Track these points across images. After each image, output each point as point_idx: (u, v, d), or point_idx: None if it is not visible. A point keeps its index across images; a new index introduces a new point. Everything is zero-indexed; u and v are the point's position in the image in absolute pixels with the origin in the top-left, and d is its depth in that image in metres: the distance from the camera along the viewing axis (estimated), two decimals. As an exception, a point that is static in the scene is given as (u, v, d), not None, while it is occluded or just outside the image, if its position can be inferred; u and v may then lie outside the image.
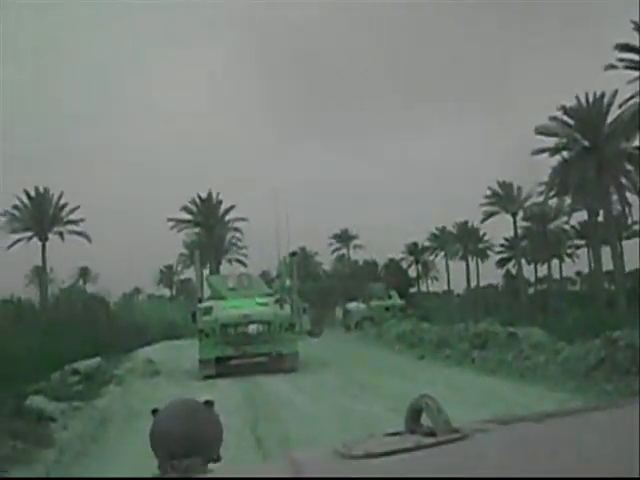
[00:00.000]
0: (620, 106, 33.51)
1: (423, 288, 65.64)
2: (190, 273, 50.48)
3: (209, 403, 1.58)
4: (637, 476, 0.68)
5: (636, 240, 48.77)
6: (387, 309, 36.34)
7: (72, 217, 49.90)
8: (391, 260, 58.90)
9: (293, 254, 21.87)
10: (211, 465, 1.51)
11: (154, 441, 1.53)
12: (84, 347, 17.14)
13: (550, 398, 10.60)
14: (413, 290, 58.64)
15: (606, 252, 38.17)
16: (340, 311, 39.67)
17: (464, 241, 61.93)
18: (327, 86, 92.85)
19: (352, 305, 38.36)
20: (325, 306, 39.65)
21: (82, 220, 49.63)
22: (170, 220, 54.74)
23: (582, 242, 52.71)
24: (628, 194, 36.26)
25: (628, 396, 9.71)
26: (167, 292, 67.25)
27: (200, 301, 18.77)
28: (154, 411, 1.57)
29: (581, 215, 41.60)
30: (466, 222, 61.43)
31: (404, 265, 61.98)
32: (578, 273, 60.27)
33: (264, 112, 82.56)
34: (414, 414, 0.97)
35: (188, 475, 1.39)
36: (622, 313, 21.49)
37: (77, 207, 49.50)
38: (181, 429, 1.49)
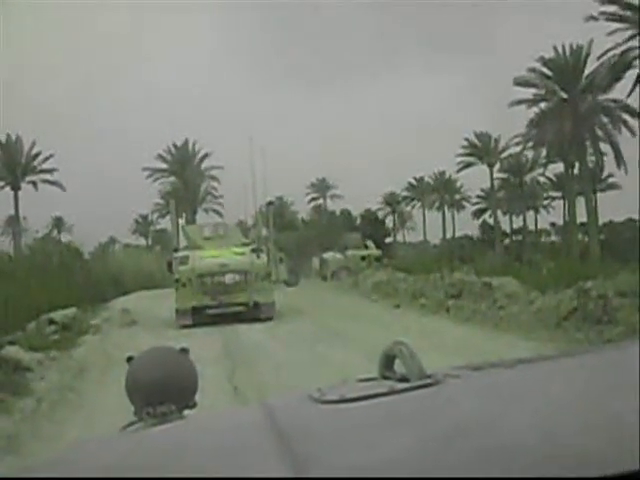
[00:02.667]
0: (598, 58, 33.48)
1: (399, 238, 66.05)
2: (166, 223, 50.23)
3: (184, 350, 1.59)
4: (600, 418, 0.69)
5: (610, 193, 49.32)
6: (363, 259, 36.50)
7: (45, 166, 49.30)
8: (368, 210, 58.99)
9: (270, 203, 21.88)
10: (187, 411, 1.52)
11: (130, 388, 1.54)
12: (60, 297, 17.05)
13: (522, 346, 10.80)
14: (389, 240, 58.95)
15: (581, 204, 38.55)
16: (317, 261, 39.77)
17: (441, 192, 62.12)
18: (308, 32, 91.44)
19: (328, 255, 38.47)
20: (302, 256, 39.71)
21: (56, 170, 49.07)
22: (145, 169, 54.25)
23: (557, 194, 53.11)
24: (603, 146, 36.51)
25: (598, 344, 9.92)
26: (143, 242, 66.90)
27: (176, 251, 18.73)
28: (129, 359, 1.57)
29: (557, 167, 41.88)
30: (443, 173, 61.56)
31: (381, 215, 62.17)
32: (553, 224, 60.85)
33: (242, 57, 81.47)
34: (387, 360, 0.98)
35: (164, 421, 1.40)
36: (595, 264, 21.79)
37: (50, 156, 48.87)
38: (156, 376, 1.50)
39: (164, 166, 54.99)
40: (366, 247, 39.36)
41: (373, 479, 0.64)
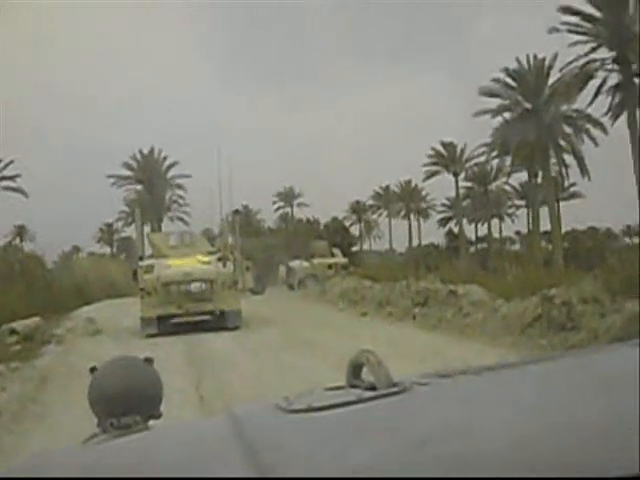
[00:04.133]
0: (561, 69, 34.05)
1: (366, 246, 66.29)
2: (131, 231, 49.83)
3: (148, 360, 1.57)
4: (568, 423, 0.69)
5: (573, 202, 50.15)
6: (330, 267, 36.55)
7: (6, 173, 48.54)
8: (334, 219, 59.14)
9: (236, 212, 21.81)
10: (152, 422, 1.50)
11: (93, 399, 1.51)
12: (21, 307, 16.78)
13: (488, 353, 10.89)
14: (356, 248, 59.19)
15: (544, 213, 39.06)
16: (283, 269, 39.72)
17: (407, 200, 62.53)
18: (273, 38, 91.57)
19: (295, 263, 38.45)
20: (268, 264, 39.63)
21: (18, 176, 48.33)
22: (110, 177, 53.77)
23: (522, 202, 53.80)
24: (566, 156, 37.11)
25: (562, 350, 10.05)
26: (108, 250, 66.17)
27: (141, 259, 18.56)
28: (92, 369, 1.54)
29: (522, 176, 42.44)
30: (409, 181, 61.99)
31: (347, 224, 62.41)
32: (517, 233, 61.62)
33: (206, 62, 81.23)
34: (355, 369, 0.98)
35: (128, 432, 1.37)
36: (558, 272, 22.09)
37: (11, 162, 48.11)
38: (120, 386, 1.47)
39: (129, 173, 54.55)
40: (333, 255, 39.43)
41: None
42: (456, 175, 53.56)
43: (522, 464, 0.62)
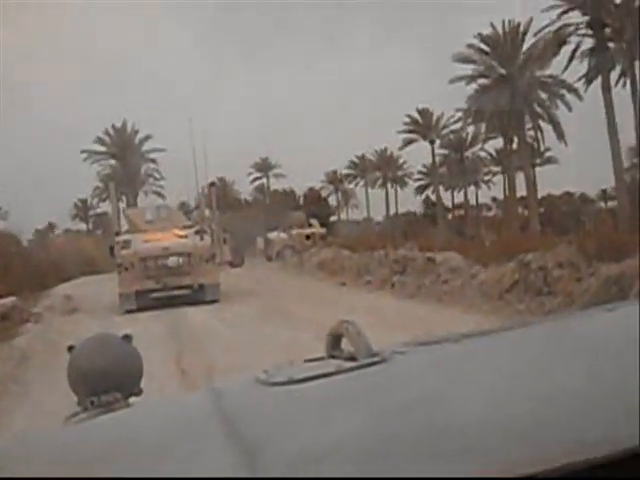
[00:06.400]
0: (535, 35, 34.03)
1: (343, 216, 66.29)
2: (106, 207, 49.32)
3: (127, 337, 1.56)
4: (549, 389, 0.70)
5: (548, 167, 50.45)
6: (308, 237, 36.56)
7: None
8: (311, 189, 59.02)
9: (212, 184, 21.70)
10: (132, 399, 1.50)
11: (72, 378, 1.50)
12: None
13: (466, 320, 11.00)
14: (333, 218, 59.18)
15: (520, 179, 39.26)
16: (261, 241, 39.68)
17: (383, 169, 62.47)
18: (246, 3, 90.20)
19: (273, 234, 38.42)
20: (246, 236, 39.54)
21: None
22: (84, 152, 53.12)
23: (498, 169, 53.98)
24: (541, 122, 37.23)
25: (539, 315, 10.18)
26: (83, 227, 65.56)
27: (118, 235, 18.45)
28: (70, 347, 1.53)
29: (497, 142, 42.57)
30: (385, 150, 61.87)
31: (324, 194, 62.31)
32: (494, 199, 61.87)
33: (179, 30, 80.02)
34: (334, 340, 0.97)
35: (109, 410, 1.37)
36: (534, 237, 22.28)
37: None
38: (99, 364, 1.46)
39: (103, 149, 53.93)
40: (310, 226, 39.41)
41: (324, 459, 0.63)
42: (432, 142, 53.54)
43: (502, 430, 0.63)
